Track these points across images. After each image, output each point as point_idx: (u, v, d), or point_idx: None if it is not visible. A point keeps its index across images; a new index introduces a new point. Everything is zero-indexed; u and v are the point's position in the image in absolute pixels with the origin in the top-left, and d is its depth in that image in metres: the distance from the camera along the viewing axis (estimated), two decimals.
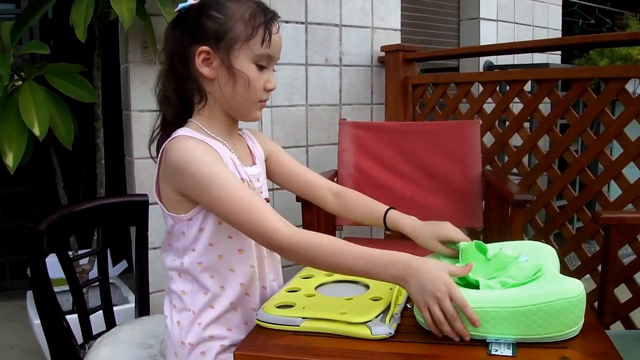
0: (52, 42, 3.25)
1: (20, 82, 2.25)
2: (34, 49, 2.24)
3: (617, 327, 2.36)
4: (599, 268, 2.44)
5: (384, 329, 1.03)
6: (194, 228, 1.21)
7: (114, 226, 1.65)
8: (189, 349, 1.23)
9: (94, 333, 1.55)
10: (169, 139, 1.21)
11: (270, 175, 1.47)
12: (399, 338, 1.03)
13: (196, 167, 1.14)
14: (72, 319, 1.55)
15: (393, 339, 1.03)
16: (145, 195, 1.64)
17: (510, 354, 0.96)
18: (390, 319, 1.06)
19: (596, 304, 1.76)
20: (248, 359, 1.01)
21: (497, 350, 0.97)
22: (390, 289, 1.18)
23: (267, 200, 1.34)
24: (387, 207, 1.44)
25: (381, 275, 1.05)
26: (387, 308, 1.10)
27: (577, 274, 2.57)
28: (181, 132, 1.22)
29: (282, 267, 1.40)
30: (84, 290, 2.38)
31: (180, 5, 1.24)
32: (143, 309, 1.66)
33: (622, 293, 2.33)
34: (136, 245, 1.66)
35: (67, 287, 2.40)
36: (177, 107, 1.29)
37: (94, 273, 2.49)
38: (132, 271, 2.78)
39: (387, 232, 1.48)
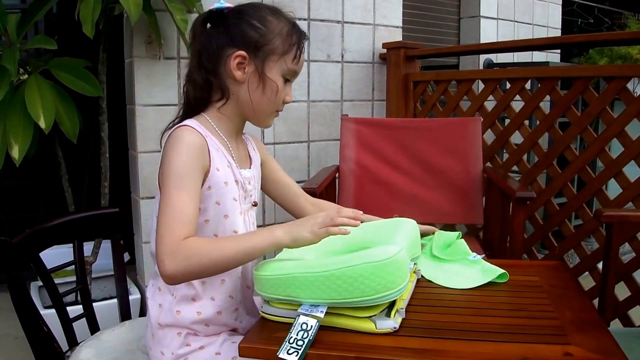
0: (57, 37, 3.25)
1: (25, 76, 2.26)
2: (41, 43, 2.25)
3: (615, 325, 2.38)
4: (598, 266, 2.46)
5: (389, 323, 1.04)
6: None
7: (89, 239, 1.65)
8: (164, 330, 1.29)
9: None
10: (177, 126, 1.26)
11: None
12: (404, 332, 1.04)
13: (173, 155, 1.20)
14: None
15: (398, 333, 1.04)
16: (117, 208, 1.68)
17: (321, 316, 1.04)
18: (395, 313, 1.07)
19: (596, 301, 1.78)
20: (253, 351, 1.02)
21: (307, 310, 1.05)
22: None
23: (255, 204, 1.42)
24: None
25: (268, 240, 1.15)
26: (392, 303, 1.10)
27: (576, 271, 2.59)
28: (189, 122, 1.27)
29: None
30: (88, 281, 2.39)
31: (216, 5, 1.31)
32: (125, 314, 1.68)
33: (621, 291, 2.35)
34: (113, 256, 1.68)
35: (69, 279, 2.44)
36: (203, 97, 1.34)
37: (97, 265, 2.51)
38: (134, 263, 2.82)
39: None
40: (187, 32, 2.31)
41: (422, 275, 1.34)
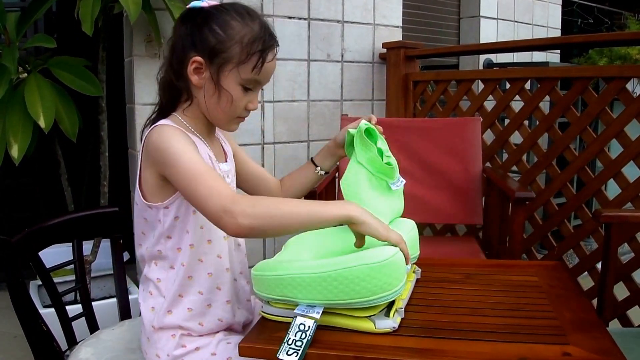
0: (56, 35, 3.25)
1: (25, 75, 2.26)
2: (40, 42, 2.24)
3: (614, 325, 2.38)
4: (597, 266, 2.46)
5: (388, 323, 1.04)
6: (170, 216, 1.26)
7: (88, 238, 1.65)
8: (159, 332, 1.28)
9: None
10: (151, 128, 1.25)
11: None
12: (403, 332, 1.04)
13: (169, 144, 1.18)
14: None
15: (397, 333, 1.04)
16: (116, 207, 1.68)
17: (318, 317, 1.04)
18: (394, 313, 1.07)
19: (595, 301, 1.78)
20: (253, 351, 1.02)
21: (304, 311, 1.05)
22: None
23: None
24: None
25: (337, 209, 1.10)
26: (392, 302, 1.10)
27: (575, 271, 2.59)
28: (163, 122, 1.27)
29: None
30: (87, 280, 2.39)
31: (192, 3, 1.27)
32: (124, 313, 1.68)
33: (620, 291, 2.35)
34: (112, 255, 1.68)
35: (68, 278, 2.44)
36: (173, 96, 1.33)
37: (96, 264, 2.51)
38: (134, 262, 2.82)
39: (322, 173, 1.55)
40: None
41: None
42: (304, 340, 1.00)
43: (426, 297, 1.23)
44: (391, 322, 1.04)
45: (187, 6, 1.28)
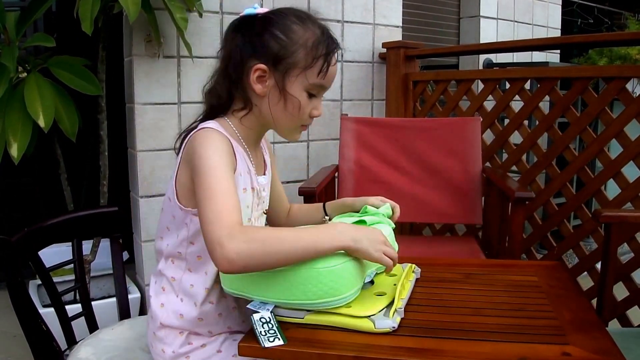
0: (56, 35, 3.24)
1: (24, 74, 2.25)
2: (40, 41, 2.24)
3: (613, 325, 2.38)
4: (597, 266, 2.46)
5: (388, 323, 1.04)
6: (197, 224, 1.21)
7: (88, 238, 1.65)
8: (167, 329, 1.28)
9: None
10: (197, 129, 1.23)
11: None
12: (402, 332, 1.04)
13: (207, 153, 1.15)
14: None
15: (396, 332, 1.04)
16: (116, 207, 1.67)
17: (268, 314, 1.06)
18: (393, 313, 1.07)
19: (594, 301, 1.78)
20: (252, 350, 1.02)
21: (256, 307, 1.08)
22: (395, 284, 1.19)
23: (267, 212, 1.40)
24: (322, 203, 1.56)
25: (331, 241, 1.07)
26: (391, 303, 1.11)
27: (575, 271, 2.59)
28: (211, 124, 1.24)
29: None
30: (86, 279, 2.39)
31: (247, 11, 1.25)
32: (124, 312, 1.68)
33: (619, 291, 2.35)
34: (112, 254, 1.68)
35: (67, 278, 2.44)
36: (223, 104, 1.31)
37: (95, 264, 2.51)
38: (134, 262, 2.82)
39: (328, 222, 1.53)
40: (186, 31, 2.33)
41: None
42: (274, 329, 1.03)
43: (426, 297, 1.23)
44: (391, 322, 1.04)
45: (241, 14, 1.26)
